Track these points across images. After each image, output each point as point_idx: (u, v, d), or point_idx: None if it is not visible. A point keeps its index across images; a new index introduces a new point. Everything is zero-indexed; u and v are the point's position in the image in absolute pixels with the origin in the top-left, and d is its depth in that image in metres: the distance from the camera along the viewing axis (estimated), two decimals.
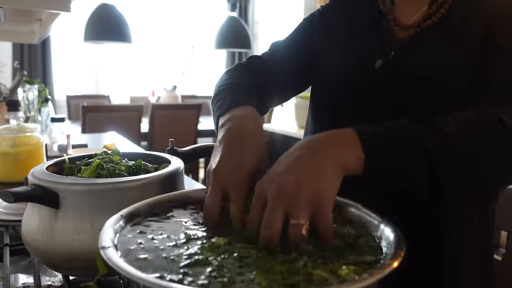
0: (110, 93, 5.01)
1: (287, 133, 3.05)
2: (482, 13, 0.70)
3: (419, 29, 0.73)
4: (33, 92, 2.03)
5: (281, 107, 4.21)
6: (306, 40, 0.86)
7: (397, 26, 0.76)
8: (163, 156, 0.78)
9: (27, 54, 4.76)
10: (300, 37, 0.88)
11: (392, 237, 0.47)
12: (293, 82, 0.88)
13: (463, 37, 0.70)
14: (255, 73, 0.82)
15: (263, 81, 0.80)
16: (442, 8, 0.72)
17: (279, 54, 0.87)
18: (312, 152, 0.50)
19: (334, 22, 0.84)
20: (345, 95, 0.78)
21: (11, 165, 1.16)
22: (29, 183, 0.62)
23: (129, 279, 0.38)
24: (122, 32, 3.50)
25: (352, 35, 0.80)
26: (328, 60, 0.82)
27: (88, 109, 3.22)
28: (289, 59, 0.86)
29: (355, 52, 0.79)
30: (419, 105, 0.70)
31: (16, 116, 1.21)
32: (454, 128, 0.53)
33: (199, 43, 5.65)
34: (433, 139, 0.52)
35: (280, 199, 0.46)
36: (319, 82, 0.84)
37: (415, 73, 0.71)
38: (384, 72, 0.73)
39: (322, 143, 0.52)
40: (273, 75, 0.83)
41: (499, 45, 0.67)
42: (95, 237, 0.45)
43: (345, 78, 0.78)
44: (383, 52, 0.75)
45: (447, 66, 0.69)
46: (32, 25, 1.52)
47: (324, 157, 0.49)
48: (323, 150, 0.50)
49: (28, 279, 0.72)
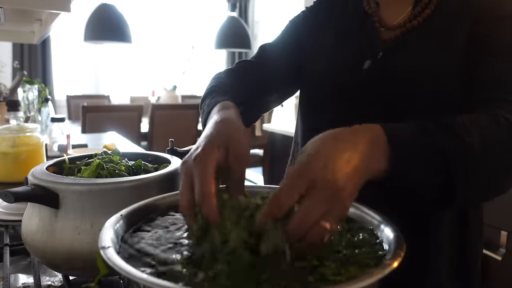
0: (110, 93, 5.02)
1: (287, 133, 3.05)
2: (469, 9, 0.70)
3: (405, 29, 0.73)
4: (33, 92, 2.03)
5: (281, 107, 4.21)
6: (295, 41, 0.86)
7: (383, 27, 0.76)
8: (163, 156, 0.78)
9: (27, 54, 4.77)
10: (289, 38, 0.87)
11: (392, 236, 0.47)
12: (288, 82, 0.87)
13: (450, 36, 0.70)
14: (246, 77, 0.81)
15: (256, 83, 0.80)
16: (427, 8, 0.72)
17: (270, 56, 0.86)
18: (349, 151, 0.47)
19: (320, 24, 0.84)
20: (335, 97, 0.78)
21: (11, 165, 1.16)
22: (29, 183, 0.62)
23: (129, 279, 0.39)
24: (122, 32, 3.51)
25: (339, 37, 0.80)
26: (316, 64, 0.82)
27: (88, 109, 3.22)
28: (281, 60, 0.85)
29: (342, 54, 0.79)
30: (409, 105, 0.71)
31: (16, 116, 1.21)
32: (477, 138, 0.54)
33: (199, 43, 5.65)
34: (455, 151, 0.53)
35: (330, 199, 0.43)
36: (308, 85, 0.84)
37: (403, 73, 0.72)
38: (373, 73, 0.74)
39: (360, 144, 0.49)
40: (267, 76, 0.83)
41: (489, 42, 0.67)
42: (95, 237, 0.45)
43: (334, 80, 0.78)
44: (371, 53, 0.75)
45: (434, 66, 0.70)
46: (32, 25, 1.52)
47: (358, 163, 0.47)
48: (359, 152, 0.48)
49: (28, 279, 0.72)
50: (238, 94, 0.73)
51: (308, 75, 0.84)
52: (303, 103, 0.88)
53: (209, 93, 0.74)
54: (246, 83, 0.80)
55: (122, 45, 4.04)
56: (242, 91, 0.76)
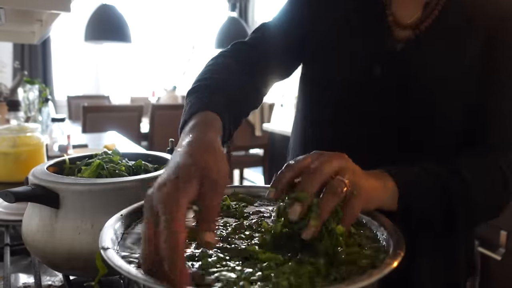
0: (110, 93, 5.02)
1: (287, 133, 3.04)
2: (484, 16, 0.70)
3: (418, 31, 0.72)
4: (34, 92, 2.03)
5: (281, 107, 4.21)
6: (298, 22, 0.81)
7: (396, 24, 0.75)
8: (163, 156, 0.78)
9: (28, 54, 4.77)
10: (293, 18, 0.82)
11: (392, 236, 0.47)
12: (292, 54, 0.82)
13: (464, 40, 0.70)
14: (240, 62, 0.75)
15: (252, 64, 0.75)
16: (435, 10, 0.72)
17: (272, 34, 0.81)
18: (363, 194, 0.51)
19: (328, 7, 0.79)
20: (343, 96, 0.77)
21: (11, 165, 1.16)
22: (30, 183, 0.62)
23: (129, 279, 0.39)
24: (122, 32, 3.51)
25: (348, 26, 0.77)
26: (323, 57, 0.79)
27: (88, 109, 3.23)
28: (284, 39, 0.80)
29: (352, 50, 0.76)
30: (419, 106, 0.71)
31: (16, 116, 1.21)
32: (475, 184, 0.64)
33: (199, 43, 5.65)
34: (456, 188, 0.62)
35: (340, 159, 0.51)
36: (314, 83, 0.83)
37: (416, 76, 0.71)
38: (384, 73, 0.73)
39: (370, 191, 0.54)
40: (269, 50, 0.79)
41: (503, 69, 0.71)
42: (95, 237, 0.45)
43: (343, 79, 0.77)
44: (383, 53, 0.74)
45: (448, 69, 0.70)
46: (32, 25, 1.52)
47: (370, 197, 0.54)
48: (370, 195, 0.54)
49: (29, 279, 0.72)
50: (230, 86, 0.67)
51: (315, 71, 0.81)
52: (308, 103, 0.85)
53: (198, 87, 0.66)
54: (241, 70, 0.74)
55: (122, 45, 4.04)
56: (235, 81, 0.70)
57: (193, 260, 0.44)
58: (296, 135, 0.89)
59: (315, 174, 0.48)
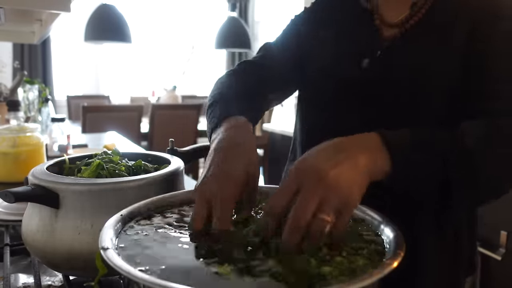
0: (110, 93, 5.02)
1: (287, 133, 3.05)
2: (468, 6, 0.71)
3: (404, 29, 0.73)
4: (34, 92, 2.03)
5: (281, 107, 4.21)
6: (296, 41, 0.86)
7: (384, 24, 0.76)
8: (163, 156, 0.78)
9: (28, 54, 4.77)
10: (290, 38, 0.87)
11: (392, 236, 0.47)
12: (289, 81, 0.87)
13: (450, 34, 0.70)
14: (248, 78, 0.81)
15: (258, 83, 0.80)
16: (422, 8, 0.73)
17: (272, 55, 0.86)
18: (348, 158, 0.50)
19: (319, 24, 0.85)
20: (335, 95, 0.79)
21: (11, 165, 1.16)
22: (29, 183, 0.62)
23: (129, 279, 0.39)
24: (122, 32, 3.50)
25: (339, 36, 0.81)
26: (317, 63, 0.82)
27: (88, 109, 3.22)
28: (283, 59, 0.85)
29: (343, 52, 0.79)
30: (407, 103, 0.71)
31: (16, 116, 1.21)
32: (474, 141, 0.57)
33: (199, 43, 5.65)
34: (452, 151, 0.56)
35: (318, 190, 0.46)
36: (309, 83, 0.85)
37: (403, 72, 0.72)
38: (373, 71, 0.74)
39: (354, 149, 0.52)
40: (268, 76, 0.83)
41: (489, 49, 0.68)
42: (95, 237, 0.46)
43: (335, 78, 0.78)
44: (371, 51, 0.75)
45: (434, 65, 0.70)
46: (32, 25, 1.52)
47: (357, 163, 0.50)
48: (355, 157, 0.51)
49: (29, 279, 0.72)
50: (242, 100, 0.73)
51: (309, 74, 0.84)
52: (303, 102, 0.88)
53: (215, 101, 0.73)
54: (248, 86, 0.79)
55: (122, 45, 4.04)
56: (245, 96, 0.76)
57: None
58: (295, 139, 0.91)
59: (295, 227, 0.46)
